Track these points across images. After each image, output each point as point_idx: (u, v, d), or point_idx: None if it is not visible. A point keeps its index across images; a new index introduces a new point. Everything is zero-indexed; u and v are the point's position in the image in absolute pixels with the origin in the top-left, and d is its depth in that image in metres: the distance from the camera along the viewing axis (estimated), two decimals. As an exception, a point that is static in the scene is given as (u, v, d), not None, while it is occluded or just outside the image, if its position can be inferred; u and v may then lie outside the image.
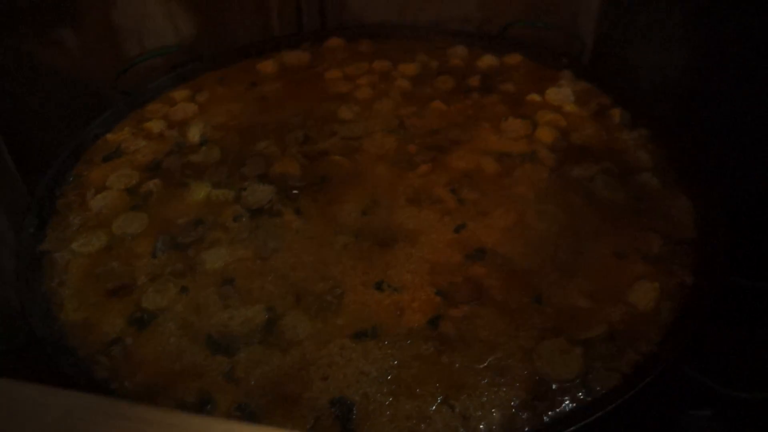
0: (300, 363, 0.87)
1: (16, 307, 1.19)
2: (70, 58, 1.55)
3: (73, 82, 1.55)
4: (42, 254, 1.03)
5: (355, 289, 0.96)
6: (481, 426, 0.80)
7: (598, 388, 0.84)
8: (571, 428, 0.77)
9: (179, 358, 0.88)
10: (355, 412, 0.82)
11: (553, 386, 0.84)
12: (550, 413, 0.82)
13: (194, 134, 1.29)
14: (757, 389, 0.86)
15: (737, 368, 0.97)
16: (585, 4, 1.53)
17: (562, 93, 1.37)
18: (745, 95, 1.32)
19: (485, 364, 0.86)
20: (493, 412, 0.81)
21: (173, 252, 1.03)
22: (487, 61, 1.48)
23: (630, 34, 1.49)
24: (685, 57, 1.42)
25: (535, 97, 1.36)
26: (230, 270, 1.00)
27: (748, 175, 1.29)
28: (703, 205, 1.08)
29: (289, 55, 1.52)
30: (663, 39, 1.46)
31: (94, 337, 0.91)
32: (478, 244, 1.03)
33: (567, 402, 0.83)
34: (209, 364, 0.87)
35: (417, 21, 1.65)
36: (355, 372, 0.86)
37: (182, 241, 1.04)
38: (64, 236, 1.06)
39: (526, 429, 0.80)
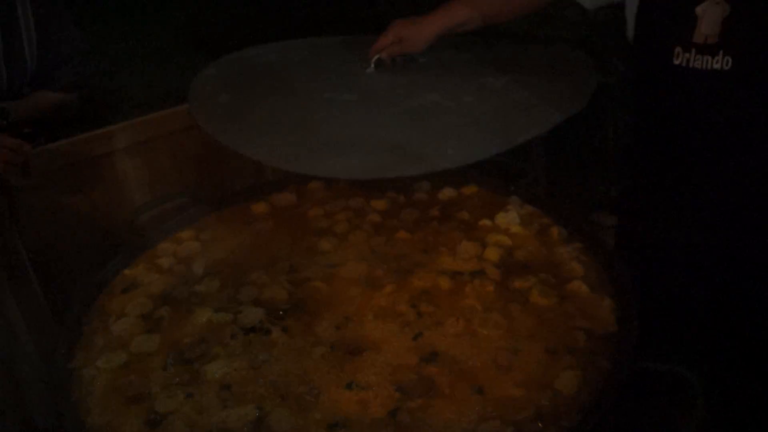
0: (284, 450, 1.07)
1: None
2: (91, 206, 1.82)
3: (95, 225, 1.81)
4: (72, 371, 1.25)
5: (330, 389, 1.17)
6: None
7: (525, 460, 1.03)
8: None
9: (186, 450, 1.08)
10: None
11: (489, 459, 1.04)
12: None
13: (198, 268, 1.52)
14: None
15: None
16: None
17: (509, 217, 1.60)
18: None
19: (434, 445, 1.06)
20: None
21: (181, 366, 1.24)
22: (447, 193, 1.74)
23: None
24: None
25: (486, 222, 1.60)
26: (228, 378, 1.20)
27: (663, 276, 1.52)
28: (622, 302, 1.30)
29: (278, 197, 1.77)
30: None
31: (116, 437, 1.11)
32: (432, 348, 1.24)
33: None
34: (211, 454, 1.07)
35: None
36: (329, 455, 1.05)
37: (188, 357, 1.26)
38: (90, 356, 1.28)
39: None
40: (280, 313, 1.36)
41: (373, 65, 1.83)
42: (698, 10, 1.29)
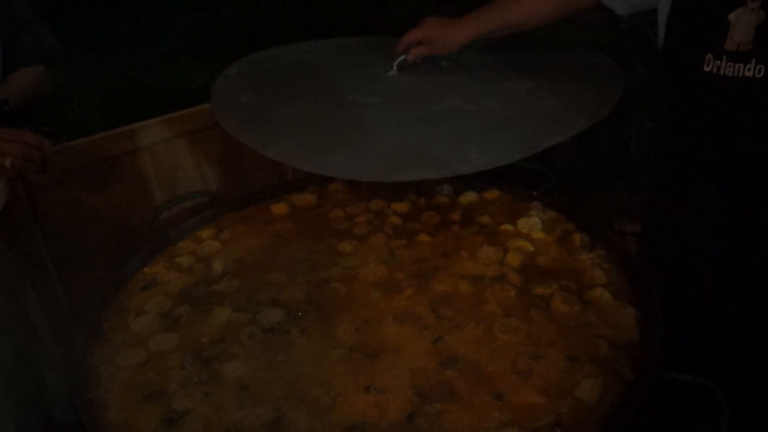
0: (300, 451, 1.06)
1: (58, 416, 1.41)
2: (112, 204, 1.82)
3: (115, 223, 1.82)
4: (90, 368, 1.25)
5: (347, 392, 1.16)
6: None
7: (544, 467, 1.02)
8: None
9: (203, 449, 1.08)
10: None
11: (508, 466, 1.02)
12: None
13: (217, 267, 1.52)
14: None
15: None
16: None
17: (531, 222, 1.59)
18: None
19: (452, 450, 1.05)
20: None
21: (199, 365, 1.24)
22: (469, 197, 1.73)
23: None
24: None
25: (508, 227, 1.59)
26: (245, 378, 1.20)
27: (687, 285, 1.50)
28: (645, 311, 1.28)
29: (298, 197, 1.77)
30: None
31: (133, 434, 1.11)
32: (451, 353, 1.23)
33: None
34: (227, 453, 1.07)
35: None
36: (346, 458, 1.04)
37: (207, 356, 1.25)
38: (109, 352, 1.28)
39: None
40: (299, 314, 1.35)
41: (395, 68, 1.82)
42: (731, 16, 1.28)
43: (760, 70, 1.25)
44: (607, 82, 1.74)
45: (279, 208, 1.73)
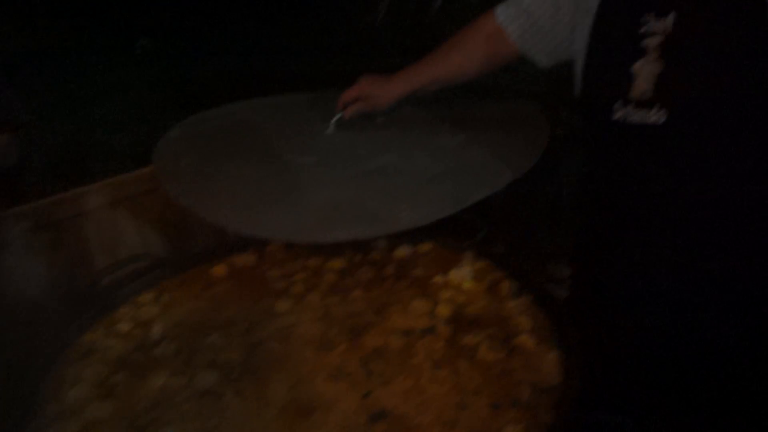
0: None
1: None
2: (54, 270, 1.83)
3: (56, 289, 1.82)
4: (23, 442, 1.26)
5: (279, 450, 1.19)
6: None
7: None
8: None
9: None
10: None
11: None
12: None
13: (156, 332, 1.54)
14: None
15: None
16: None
17: (462, 272, 1.64)
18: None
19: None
20: None
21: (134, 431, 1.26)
22: (403, 251, 1.78)
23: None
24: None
25: (439, 278, 1.64)
26: (180, 443, 1.23)
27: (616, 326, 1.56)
28: (567, 355, 1.33)
29: (238, 257, 1.81)
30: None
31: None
32: (380, 407, 1.27)
33: None
34: None
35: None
36: None
37: (141, 423, 1.27)
38: (42, 425, 1.29)
39: None
40: (235, 375, 1.38)
41: (333, 126, 1.88)
42: (635, 67, 1.36)
43: (662, 114, 1.33)
44: (534, 132, 1.81)
45: (219, 269, 1.77)
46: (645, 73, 1.36)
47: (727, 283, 1.42)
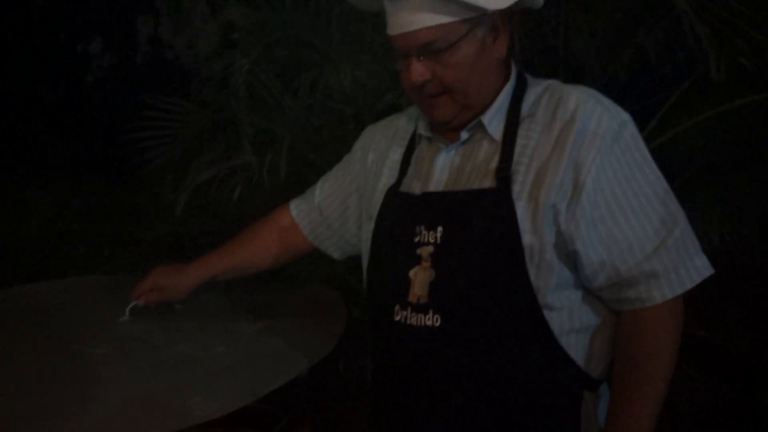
0: None
1: None
2: None
3: None
4: None
5: None
6: None
7: None
8: None
9: None
10: None
11: None
12: None
13: None
14: None
15: None
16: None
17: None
18: None
19: None
20: None
21: None
22: (199, 445, 1.72)
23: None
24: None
25: (236, 474, 1.60)
26: None
27: None
28: None
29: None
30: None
31: None
32: None
33: None
34: None
35: None
36: None
37: None
38: None
39: None
40: None
41: (127, 314, 1.84)
42: (411, 273, 1.46)
43: (437, 319, 1.42)
44: (331, 318, 1.87)
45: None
46: (419, 279, 1.45)
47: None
